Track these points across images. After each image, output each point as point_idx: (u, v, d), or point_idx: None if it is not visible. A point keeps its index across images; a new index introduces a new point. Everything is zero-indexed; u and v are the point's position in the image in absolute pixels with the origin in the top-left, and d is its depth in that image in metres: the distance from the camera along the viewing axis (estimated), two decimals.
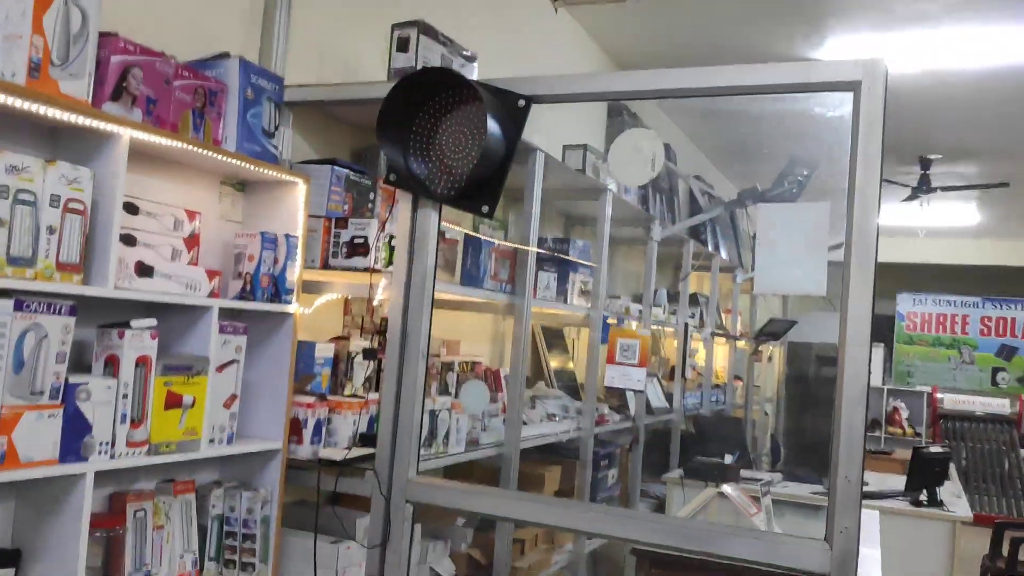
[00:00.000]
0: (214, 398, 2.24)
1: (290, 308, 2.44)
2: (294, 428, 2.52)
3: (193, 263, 2.26)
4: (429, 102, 2.29)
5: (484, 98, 2.18)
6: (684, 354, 5.26)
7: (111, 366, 1.99)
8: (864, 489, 4.57)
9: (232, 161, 2.27)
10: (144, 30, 2.23)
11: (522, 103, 2.25)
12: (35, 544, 1.96)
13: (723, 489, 2.57)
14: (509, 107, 2.25)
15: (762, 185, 4.95)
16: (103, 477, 2.01)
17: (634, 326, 4.58)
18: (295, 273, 2.45)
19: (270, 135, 2.42)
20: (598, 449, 4.20)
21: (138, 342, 2.02)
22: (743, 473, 4.64)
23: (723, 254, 6.60)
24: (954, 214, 9.31)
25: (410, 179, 2.29)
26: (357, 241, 2.59)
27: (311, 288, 2.67)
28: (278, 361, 2.47)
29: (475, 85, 2.20)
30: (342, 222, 2.62)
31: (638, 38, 5.19)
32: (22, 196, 1.76)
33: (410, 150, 2.30)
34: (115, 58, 1.95)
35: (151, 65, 2.04)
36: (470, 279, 2.97)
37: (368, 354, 2.69)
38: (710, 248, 6.37)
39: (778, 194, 4.91)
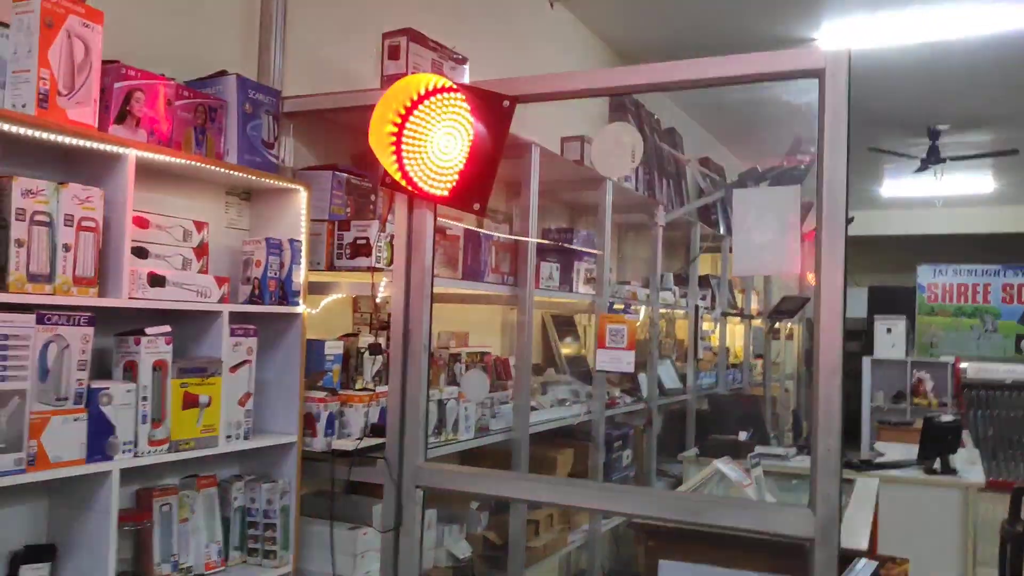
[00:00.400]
0: (229, 397, 2.38)
1: (298, 309, 2.58)
2: (308, 422, 2.66)
3: (203, 271, 2.40)
4: (418, 106, 2.40)
5: (469, 100, 2.29)
6: (695, 335, 5.34)
7: (130, 371, 2.13)
8: (878, 460, 4.63)
9: (234, 173, 2.40)
10: (145, 55, 2.36)
11: (506, 103, 2.35)
12: (68, 539, 2.11)
13: (717, 464, 2.67)
14: (494, 108, 2.36)
15: (764, 165, 5.02)
16: (129, 474, 2.15)
17: (642, 311, 4.68)
18: (300, 276, 2.58)
19: (270, 146, 2.54)
20: (612, 431, 4.31)
21: (154, 348, 2.16)
22: (758, 449, 4.72)
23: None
24: (969, 183, 9.27)
25: (404, 181, 2.41)
26: (360, 242, 2.71)
27: (318, 289, 2.80)
28: (289, 360, 2.61)
29: (459, 88, 2.31)
30: (345, 224, 2.74)
31: (636, 27, 5.26)
32: (38, 217, 1.90)
33: (403, 153, 2.41)
34: (118, 84, 2.09)
35: (153, 88, 2.18)
36: (472, 273, 3.09)
37: (375, 349, 2.81)
38: (721, 230, 6.45)
39: (782, 173, 4.98)
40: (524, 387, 3.25)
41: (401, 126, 2.39)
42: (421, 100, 2.38)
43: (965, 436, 5.26)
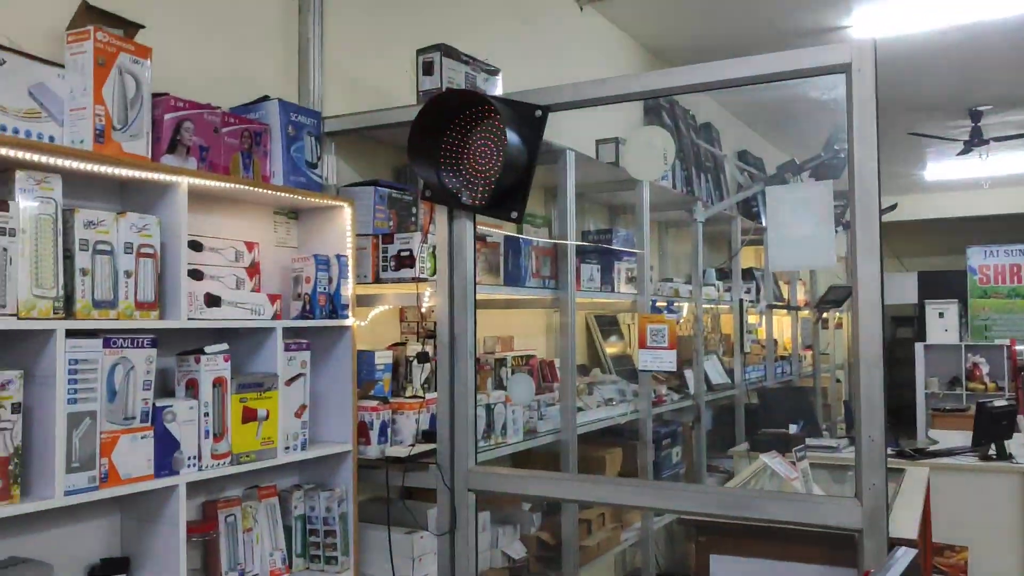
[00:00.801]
0: (286, 409, 2.47)
1: (347, 322, 2.66)
2: (362, 431, 2.74)
3: (256, 289, 2.50)
4: (454, 120, 2.47)
5: (502, 112, 2.36)
6: (741, 329, 5.34)
7: (192, 389, 2.23)
8: (932, 448, 4.59)
9: (281, 194, 2.50)
10: (191, 86, 2.47)
11: (539, 113, 2.41)
12: (140, 552, 2.22)
13: (762, 458, 2.69)
14: (527, 117, 2.42)
15: (802, 156, 5.00)
16: (194, 488, 2.25)
17: (685, 307, 4.70)
18: (348, 289, 2.66)
19: (313, 166, 2.64)
20: (660, 428, 4.34)
21: (213, 365, 2.26)
22: (808, 441, 4.71)
23: None
24: (1017, 162, 9.09)
25: (443, 193, 2.48)
26: (403, 254, 2.79)
27: (366, 301, 2.89)
28: (341, 371, 2.70)
29: (492, 101, 2.37)
30: (388, 238, 2.82)
31: (667, 25, 5.29)
32: (100, 247, 2.01)
33: (441, 166, 2.48)
34: (168, 115, 2.19)
35: (200, 117, 2.28)
36: (513, 279, 3.15)
37: (422, 357, 2.89)
38: (763, 222, 6.42)
39: (820, 164, 4.96)
40: (570, 388, 3.30)
41: (438, 140, 2.47)
42: (457, 114, 2.46)
43: (1021, 421, 5.17)
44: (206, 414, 2.23)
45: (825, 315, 7.44)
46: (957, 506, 4.25)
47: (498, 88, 3.06)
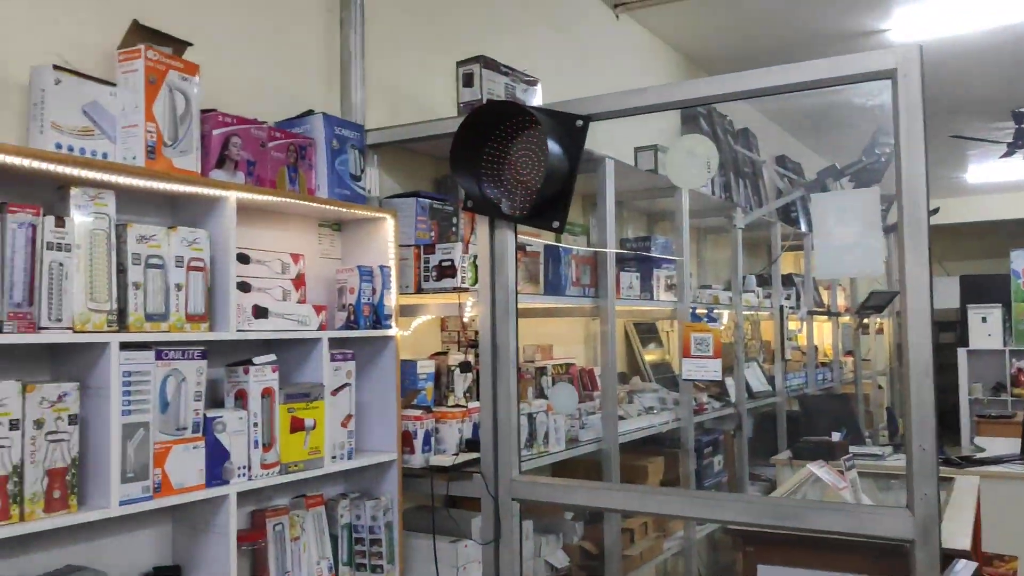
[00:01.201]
0: (332, 419, 2.50)
1: (391, 332, 2.69)
2: (406, 440, 2.76)
3: (302, 301, 2.53)
4: (495, 131, 2.49)
5: (543, 122, 2.37)
6: (782, 336, 5.30)
7: (241, 399, 2.27)
8: (978, 456, 4.52)
9: (326, 207, 2.53)
10: (238, 101, 2.51)
11: (580, 123, 2.42)
12: (192, 560, 2.25)
13: (810, 467, 2.66)
14: (568, 127, 2.43)
15: (843, 161, 4.95)
16: (243, 497, 2.28)
17: (725, 314, 4.67)
18: (392, 300, 2.69)
19: (357, 178, 2.67)
20: (701, 437, 4.31)
21: (262, 376, 2.29)
22: (852, 449, 4.65)
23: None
24: None
25: (485, 203, 2.50)
26: (445, 264, 2.81)
27: (408, 311, 2.91)
28: (385, 380, 2.72)
29: (533, 112, 2.39)
30: (430, 248, 2.85)
31: (705, 31, 5.27)
32: (152, 261, 2.05)
33: (482, 176, 2.50)
34: (216, 131, 2.23)
35: (247, 132, 2.32)
36: (553, 287, 3.15)
37: (465, 367, 2.91)
38: (802, 227, 6.37)
39: (861, 169, 4.91)
40: (611, 397, 3.30)
41: (480, 151, 2.48)
42: (497, 125, 2.47)
43: None
44: (255, 424, 2.26)
45: (866, 320, 7.35)
46: (1006, 515, 4.16)
47: (537, 98, 3.07)
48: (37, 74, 1.98)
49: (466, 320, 2.87)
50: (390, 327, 2.69)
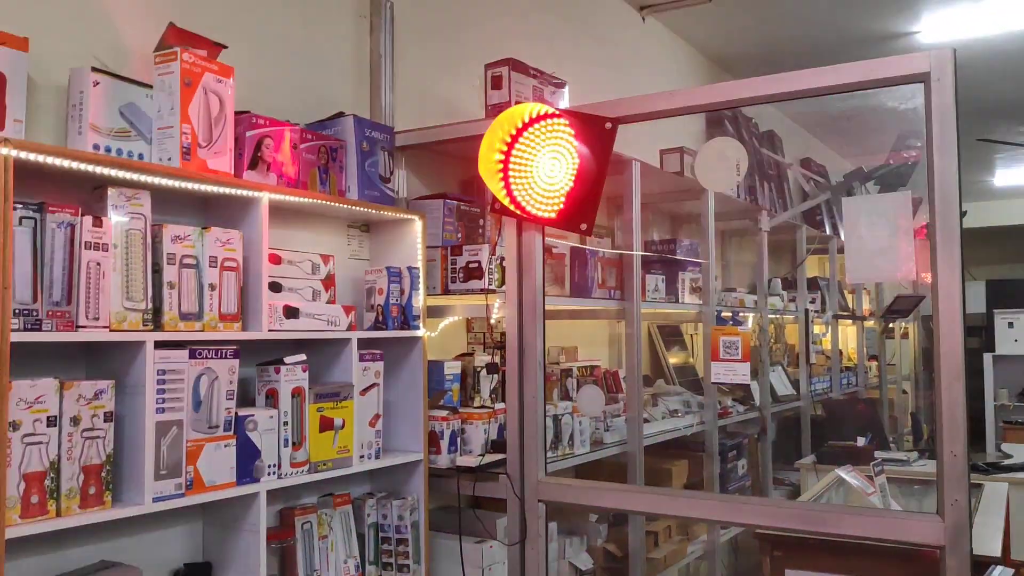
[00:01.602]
0: (361, 419, 2.52)
1: (418, 333, 2.70)
2: (432, 440, 2.78)
3: (331, 301, 2.55)
4: (523, 134, 2.49)
5: (572, 125, 2.38)
6: (807, 340, 5.27)
7: (271, 398, 2.29)
8: (1006, 462, 4.48)
9: (356, 208, 2.55)
10: (271, 103, 2.54)
11: (609, 126, 2.43)
12: (222, 557, 2.28)
13: (839, 472, 2.65)
14: (597, 130, 2.43)
15: (869, 164, 4.92)
16: (273, 495, 2.31)
17: (750, 317, 4.65)
18: (420, 301, 2.70)
19: (386, 180, 2.69)
20: (725, 440, 4.30)
21: (292, 375, 2.31)
22: (877, 454, 4.62)
23: (841, 235, 6.53)
24: None
25: (512, 205, 2.50)
26: (472, 265, 2.83)
27: (435, 312, 2.93)
28: (412, 381, 2.73)
29: (563, 114, 2.39)
30: (457, 249, 2.86)
31: (730, 34, 5.25)
32: (186, 261, 2.07)
33: (511, 179, 2.51)
34: (250, 132, 2.26)
35: (280, 134, 2.34)
36: (580, 289, 3.16)
37: (491, 368, 2.92)
38: (827, 231, 6.33)
39: (887, 172, 4.88)
40: (636, 400, 3.30)
41: (508, 153, 2.49)
42: (526, 127, 2.48)
43: None
44: (285, 423, 2.28)
45: (891, 325, 7.29)
46: None
47: (564, 101, 3.08)
48: (76, 76, 2.01)
49: (493, 321, 2.88)
50: (418, 328, 2.70)
